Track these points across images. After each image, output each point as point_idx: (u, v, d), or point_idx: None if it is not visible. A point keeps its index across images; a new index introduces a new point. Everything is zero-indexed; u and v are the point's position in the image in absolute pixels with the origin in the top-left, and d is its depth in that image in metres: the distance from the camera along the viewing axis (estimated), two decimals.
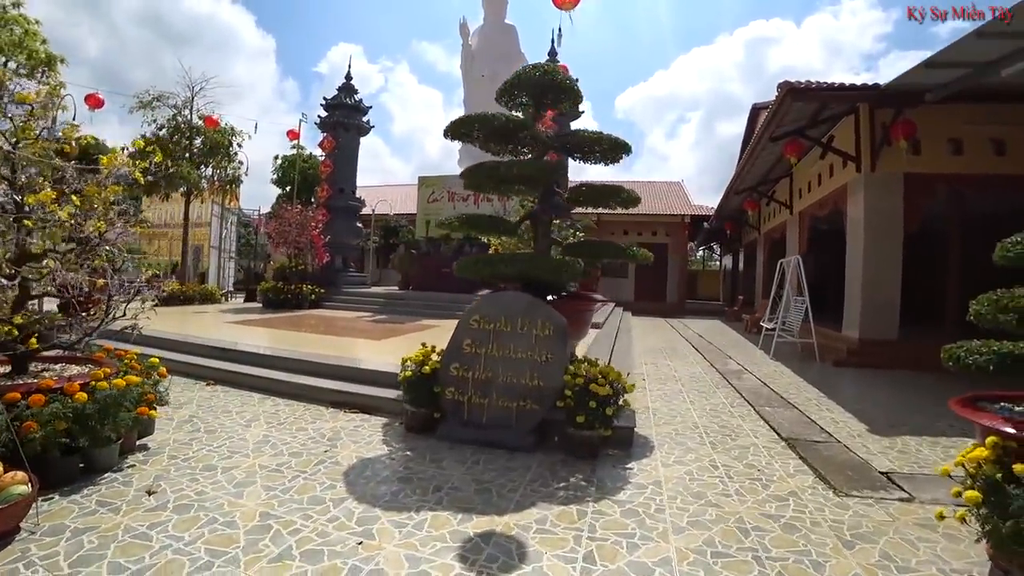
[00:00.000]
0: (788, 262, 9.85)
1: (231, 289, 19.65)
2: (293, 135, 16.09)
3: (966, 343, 2.70)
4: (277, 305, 12.62)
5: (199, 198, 15.45)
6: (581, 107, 13.91)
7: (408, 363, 4.47)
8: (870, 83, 8.16)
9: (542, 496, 3.20)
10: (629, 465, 3.74)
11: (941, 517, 2.50)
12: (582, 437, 3.81)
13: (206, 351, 6.55)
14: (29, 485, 2.58)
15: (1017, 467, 2.13)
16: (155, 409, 3.83)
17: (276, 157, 25.96)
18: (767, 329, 9.82)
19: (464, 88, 18.08)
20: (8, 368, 3.58)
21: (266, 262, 17.37)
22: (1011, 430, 2.27)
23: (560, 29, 17.63)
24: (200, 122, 14.69)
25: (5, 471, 2.59)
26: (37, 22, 13.42)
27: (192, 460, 3.53)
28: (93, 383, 3.37)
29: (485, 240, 11.81)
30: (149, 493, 3.00)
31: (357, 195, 16.08)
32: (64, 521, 2.64)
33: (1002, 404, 2.81)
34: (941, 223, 10.22)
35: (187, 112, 14.55)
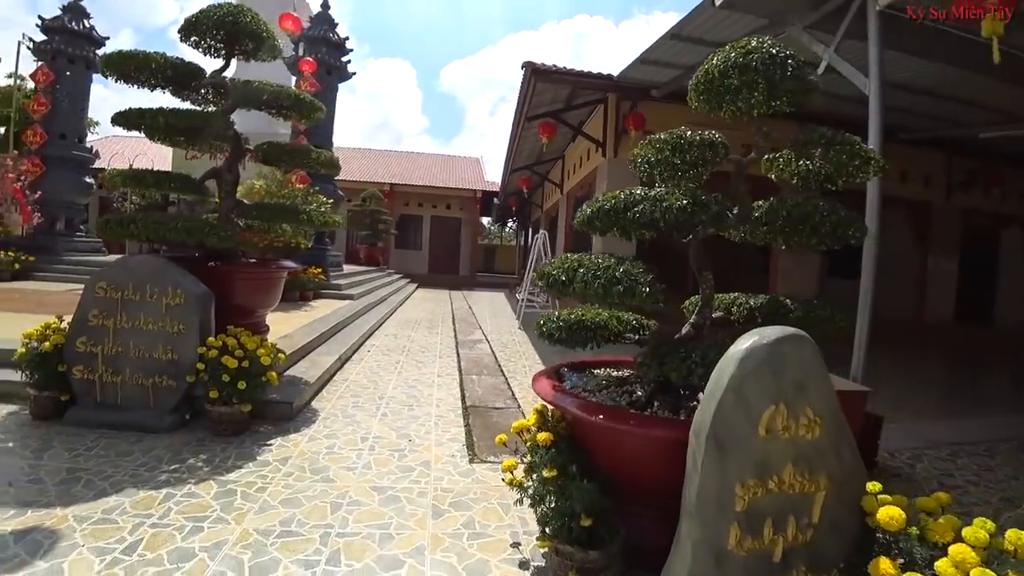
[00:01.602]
0: (538, 238, 10.42)
1: None
2: None
3: (556, 313, 2.85)
4: None
5: None
6: (351, 68, 13.15)
7: (28, 340, 3.72)
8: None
9: (138, 481, 2.81)
10: (270, 442, 3.47)
11: (511, 484, 2.60)
12: (220, 414, 3.46)
13: None
14: None
15: (540, 436, 2.26)
16: None
17: None
18: (520, 300, 10.33)
19: None
20: None
21: None
22: (549, 397, 2.41)
23: None
24: None
25: None
26: None
27: None
28: None
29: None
30: None
31: (88, 145, 13.38)
32: None
33: (587, 372, 3.04)
34: None
35: None
